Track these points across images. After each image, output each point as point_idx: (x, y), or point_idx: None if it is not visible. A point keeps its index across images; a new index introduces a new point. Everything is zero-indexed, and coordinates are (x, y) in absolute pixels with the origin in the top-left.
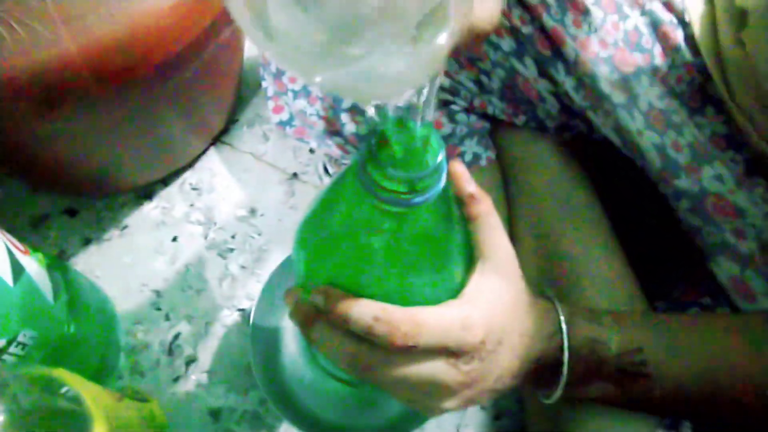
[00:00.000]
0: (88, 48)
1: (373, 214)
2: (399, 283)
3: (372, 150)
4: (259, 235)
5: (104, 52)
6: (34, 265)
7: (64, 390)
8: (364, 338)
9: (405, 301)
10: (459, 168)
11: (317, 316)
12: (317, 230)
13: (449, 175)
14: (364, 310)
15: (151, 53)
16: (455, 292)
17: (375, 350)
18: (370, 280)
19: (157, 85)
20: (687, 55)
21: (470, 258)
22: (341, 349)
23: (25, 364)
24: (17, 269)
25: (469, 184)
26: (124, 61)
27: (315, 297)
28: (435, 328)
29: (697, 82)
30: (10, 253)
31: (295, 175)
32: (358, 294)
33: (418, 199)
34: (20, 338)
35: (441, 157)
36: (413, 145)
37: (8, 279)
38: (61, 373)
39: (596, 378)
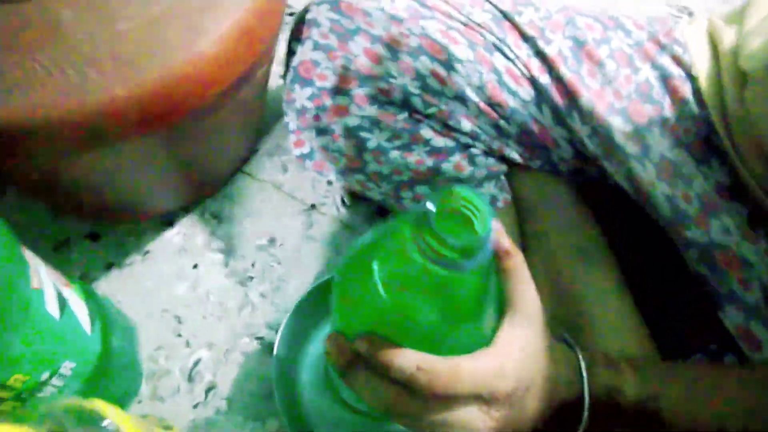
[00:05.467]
0: (135, 93)
1: (422, 274)
2: (438, 333)
3: (428, 216)
4: (279, 264)
5: (150, 96)
6: (74, 297)
7: (105, 423)
8: (402, 384)
9: (439, 349)
10: (494, 224)
11: (357, 362)
12: (361, 282)
13: None
14: (406, 360)
15: (193, 98)
16: (486, 341)
17: (413, 397)
18: (410, 330)
19: (192, 125)
20: (694, 107)
21: (500, 307)
22: (380, 395)
23: (64, 395)
24: (62, 303)
25: (504, 239)
26: (167, 106)
27: (359, 344)
28: (471, 378)
29: (703, 134)
30: (56, 288)
31: (313, 206)
32: (397, 342)
33: (469, 264)
34: (62, 370)
35: (492, 226)
36: (467, 213)
37: (55, 313)
38: (99, 405)
39: (613, 423)
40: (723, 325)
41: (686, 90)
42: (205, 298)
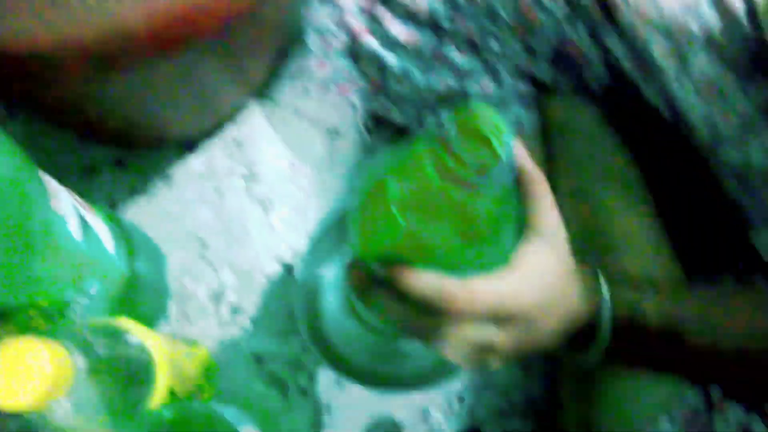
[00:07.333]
0: (150, 16)
1: (439, 195)
2: (456, 255)
3: (446, 134)
4: (300, 189)
5: (165, 20)
6: (97, 221)
7: (128, 338)
8: (420, 305)
9: (458, 268)
10: (517, 145)
11: (376, 285)
12: (377, 205)
13: None
14: (423, 282)
15: (208, 21)
16: (504, 259)
17: (430, 317)
18: (428, 252)
19: (209, 48)
20: (746, 27)
21: (519, 226)
22: (398, 316)
23: (90, 314)
24: (84, 226)
25: (526, 161)
26: (181, 29)
27: (377, 269)
28: (488, 298)
29: (751, 52)
30: (77, 210)
31: (336, 131)
32: (415, 263)
33: (488, 184)
34: (87, 290)
35: (513, 146)
36: (486, 133)
37: (78, 236)
38: (124, 322)
39: (632, 345)
40: (753, 248)
41: (739, 8)
42: (228, 222)
